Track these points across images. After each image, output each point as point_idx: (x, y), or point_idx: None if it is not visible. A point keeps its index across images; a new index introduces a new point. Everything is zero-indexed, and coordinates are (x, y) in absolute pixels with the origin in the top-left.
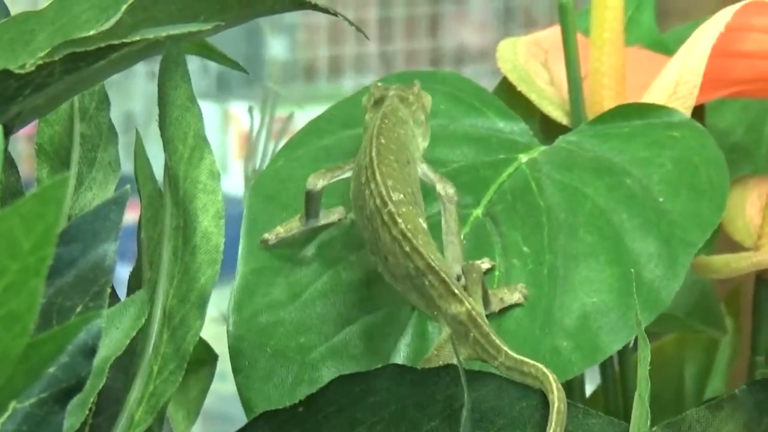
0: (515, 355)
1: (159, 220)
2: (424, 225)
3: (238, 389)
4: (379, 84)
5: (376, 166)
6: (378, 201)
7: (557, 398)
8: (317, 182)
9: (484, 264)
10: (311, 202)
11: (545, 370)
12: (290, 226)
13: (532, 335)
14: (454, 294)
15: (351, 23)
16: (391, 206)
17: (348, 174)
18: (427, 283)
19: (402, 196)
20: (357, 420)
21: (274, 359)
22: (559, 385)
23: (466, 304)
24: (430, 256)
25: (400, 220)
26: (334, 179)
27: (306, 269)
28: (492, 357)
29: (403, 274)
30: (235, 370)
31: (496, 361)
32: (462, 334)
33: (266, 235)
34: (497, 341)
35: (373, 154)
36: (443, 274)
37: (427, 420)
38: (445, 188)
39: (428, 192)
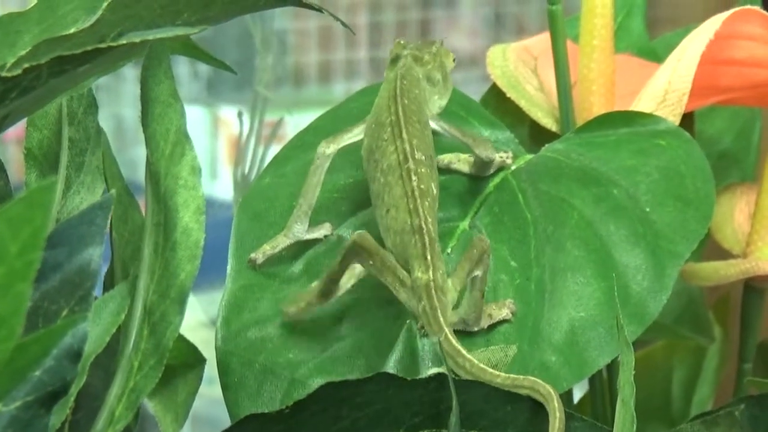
0: (455, 343)
1: (128, 218)
2: (435, 191)
3: (228, 406)
4: (401, 41)
5: (404, 124)
6: (401, 157)
7: (551, 392)
8: (329, 146)
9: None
10: (318, 170)
11: (488, 370)
12: (276, 243)
13: (521, 351)
14: (425, 259)
15: (338, 19)
16: (411, 163)
17: (358, 137)
18: (413, 241)
19: (423, 157)
20: (341, 416)
21: (262, 375)
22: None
23: (430, 273)
24: (428, 218)
25: (415, 178)
26: (345, 143)
27: (294, 285)
28: (433, 333)
29: (398, 228)
30: (224, 387)
31: (435, 338)
32: (418, 299)
33: (253, 255)
34: (441, 321)
35: (400, 113)
36: (427, 239)
37: (411, 416)
38: (484, 152)
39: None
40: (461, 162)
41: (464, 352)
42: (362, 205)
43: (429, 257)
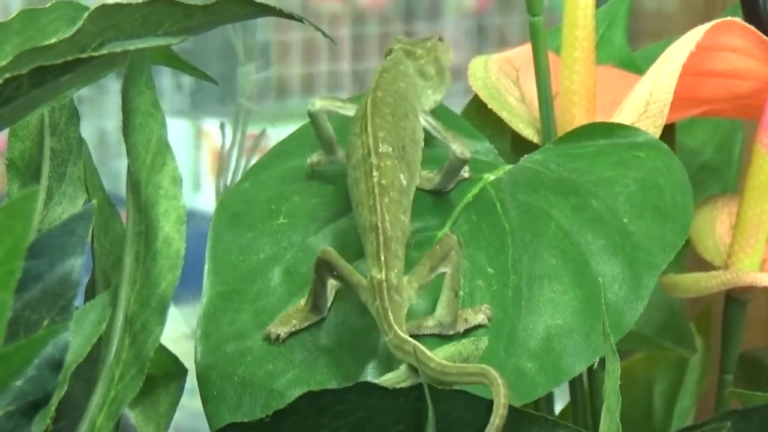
0: (403, 335)
1: (109, 228)
2: (404, 182)
3: (208, 419)
4: (399, 38)
5: (370, 117)
6: (365, 151)
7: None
8: (315, 102)
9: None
10: (320, 127)
11: (439, 360)
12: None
13: (497, 356)
14: (379, 259)
15: (321, 31)
16: (373, 158)
17: (349, 113)
18: (370, 239)
19: (390, 149)
20: (321, 425)
21: (242, 388)
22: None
23: (383, 273)
24: (386, 216)
25: (376, 174)
26: (334, 108)
27: (272, 296)
28: (384, 331)
29: (363, 225)
30: (204, 400)
31: (386, 336)
32: (372, 298)
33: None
34: (391, 319)
35: (369, 106)
36: (381, 238)
37: (393, 425)
38: (459, 148)
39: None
40: (421, 180)
41: (412, 340)
42: (341, 212)
43: (383, 257)
